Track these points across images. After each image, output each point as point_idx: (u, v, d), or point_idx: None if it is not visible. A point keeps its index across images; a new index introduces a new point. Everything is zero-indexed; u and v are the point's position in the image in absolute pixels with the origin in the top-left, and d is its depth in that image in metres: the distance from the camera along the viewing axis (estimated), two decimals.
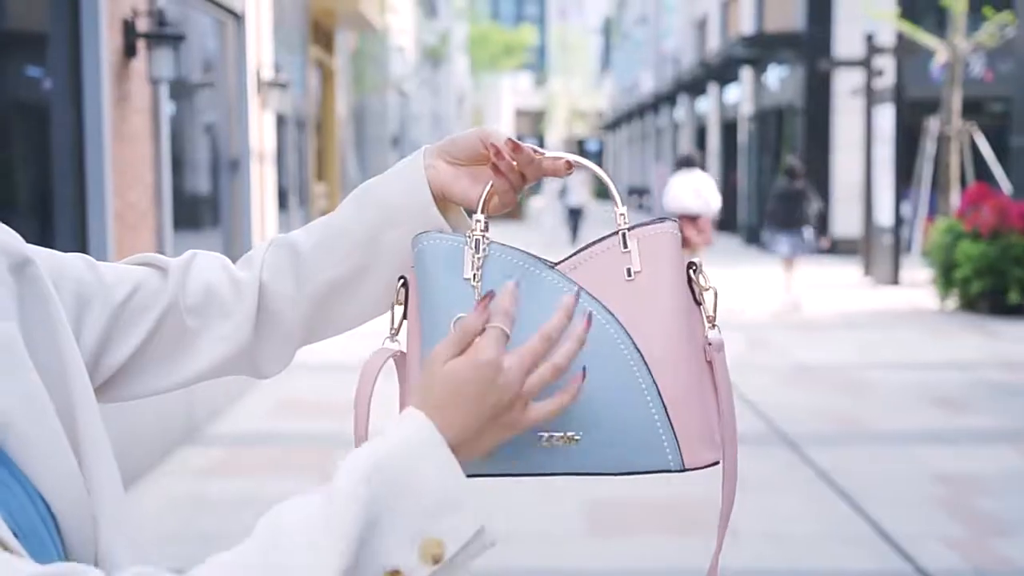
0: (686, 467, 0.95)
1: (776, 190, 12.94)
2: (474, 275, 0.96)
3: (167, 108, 6.97)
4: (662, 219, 1.00)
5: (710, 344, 0.98)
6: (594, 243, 0.99)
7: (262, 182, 9.41)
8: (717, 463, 0.98)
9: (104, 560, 0.90)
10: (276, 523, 0.79)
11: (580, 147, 63.99)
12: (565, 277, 0.97)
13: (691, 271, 0.99)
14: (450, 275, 0.97)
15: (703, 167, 14.23)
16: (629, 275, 0.97)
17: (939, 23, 15.75)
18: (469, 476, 0.86)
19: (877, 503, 5.22)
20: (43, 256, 0.98)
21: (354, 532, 0.78)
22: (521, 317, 0.89)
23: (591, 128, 63.91)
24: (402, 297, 1.00)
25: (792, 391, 7.87)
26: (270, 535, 0.79)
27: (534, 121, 72.04)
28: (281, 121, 11.82)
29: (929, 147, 16.06)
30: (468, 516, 0.82)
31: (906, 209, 16.03)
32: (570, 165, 1.03)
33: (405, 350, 1.02)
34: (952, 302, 12.21)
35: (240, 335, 1.06)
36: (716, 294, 0.99)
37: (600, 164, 6.38)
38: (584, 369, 0.89)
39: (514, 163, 1.02)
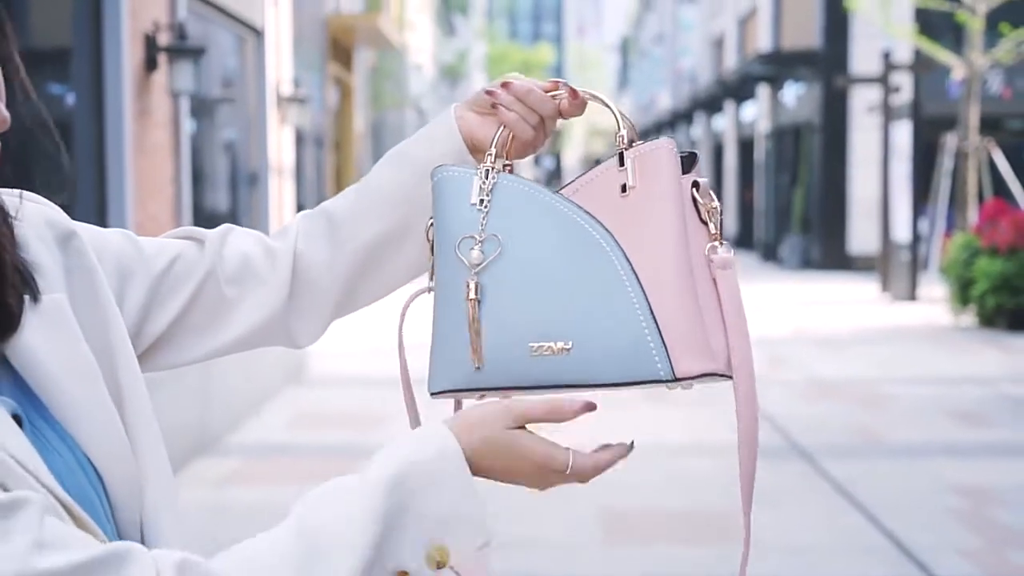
0: (677, 377, 0.95)
1: None
2: (480, 200, 0.99)
3: (187, 121, 7.04)
4: (660, 138, 1.02)
5: (712, 261, 0.98)
6: (595, 166, 1.03)
7: (280, 196, 9.47)
8: (712, 374, 0.96)
9: (150, 528, 0.92)
10: (314, 513, 0.85)
11: (597, 165, 63.86)
12: (565, 200, 1.00)
13: (695, 189, 1.00)
14: (459, 202, 1.00)
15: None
16: (624, 191, 0.99)
17: (956, 40, 15.73)
18: (465, 390, 0.96)
19: (894, 515, 5.20)
20: (86, 230, 1.01)
21: (379, 529, 0.84)
22: (524, 237, 0.97)
23: (608, 146, 63.99)
24: (431, 234, 1.03)
25: (809, 405, 7.86)
26: (308, 527, 0.84)
27: (552, 139, 72.07)
28: (300, 137, 11.90)
29: (946, 163, 16.03)
30: (478, 529, 0.87)
31: (923, 226, 15.99)
32: (575, 94, 1.06)
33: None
34: (969, 318, 12.17)
35: (274, 302, 1.08)
36: (721, 211, 1.00)
37: None
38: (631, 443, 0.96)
39: (510, 97, 1.05)
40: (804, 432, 6.85)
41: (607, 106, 1.05)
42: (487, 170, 1.01)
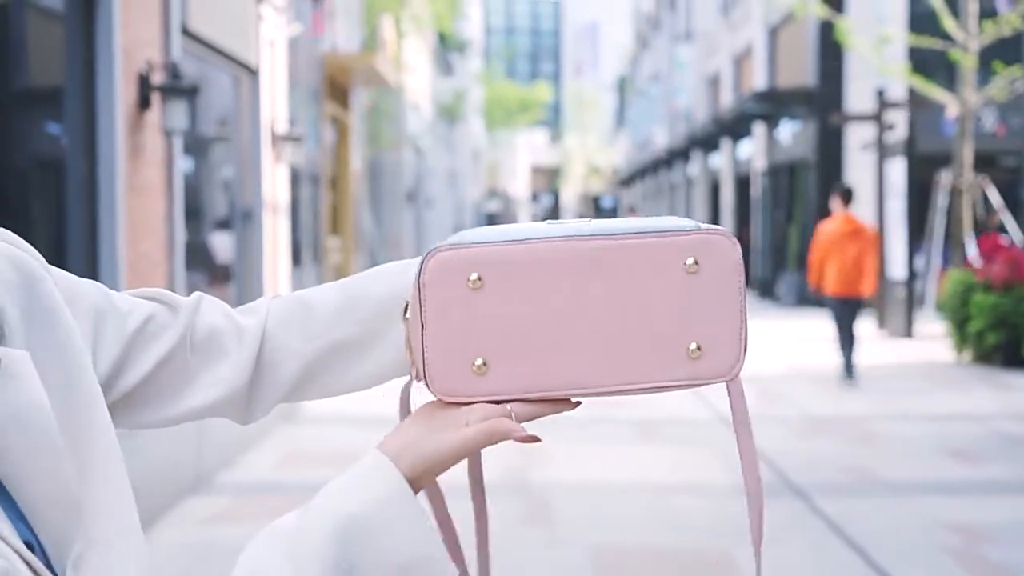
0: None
1: None
2: None
3: (181, 160, 7.07)
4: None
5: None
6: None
7: (275, 234, 9.48)
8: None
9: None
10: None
11: (595, 203, 64.20)
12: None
13: None
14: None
15: None
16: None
17: (949, 78, 15.84)
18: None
19: (887, 553, 5.17)
20: (59, 277, 0.99)
21: None
22: None
23: (606, 184, 64.19)
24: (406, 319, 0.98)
25: (803, 442, 7.83)
26: None
27: (549, 177, 72.29)
28: (296, 176, 11.94)
29: (941, 200, 16.08)
30: (439, 567, 0.84)
31: (919, 262, 16.02)
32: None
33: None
34: (967, 355, 12.16)
35: (237, 380, 1.06)
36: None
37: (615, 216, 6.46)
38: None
39: None
40: (798, 469, 6.82)
41: None
42: None
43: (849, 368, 10.53)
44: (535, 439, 0.88)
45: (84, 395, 0.92)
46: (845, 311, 10.58)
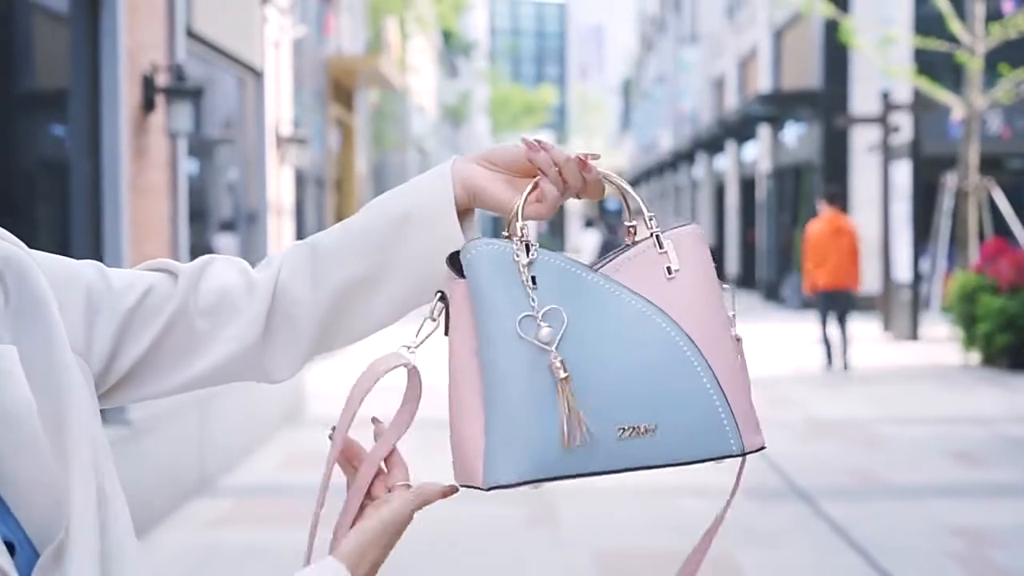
0: (745, 450, 0.98)
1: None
2: (532, 278, 0.96)
3: (185, 162, 7.07)
4: (687, 223, 1.04)
5: (739, 340, 1.01)
6: (628, 247, 1.02)
7: (279, 236, 9.49)
8: (764, 447, 1.00)
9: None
10: None
11: (601, 206, 64.20)
12: (610, 279, 0.99)
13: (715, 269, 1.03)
14: (501, 278, 0.96)
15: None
16: (670, 273, 1.00)
17: (955, 80, 15.81)
18: (550, 479, 0.93)
19: (891, 556, 5.16)
20: (51, 263, 0.99)
21: None
22: (576, 320, 0.95)
23: (612, 193, 64.06)
24: (439, 312, 0.98)
25: (808, 445, 7.82)
26: None
27: None
28: (301, 178, 11.95)
29: (947, 203, 16.06)
30: None
31: (925, 265, 15.99)
32: (587, 167, 1.02)
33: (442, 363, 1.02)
34: (974, 357, 12.13)
35: (248, 334, 1.05)
36: (733, 291, 1.03)
37: (620, 223, 6.54)
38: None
39: (550, 160, 1.01)
40: (802, 472, 6.81)
41: (629, 193, 1.05)
42: (527, 244, 0.97)
43: (830, 357, 11.52)
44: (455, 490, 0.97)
45: (65, 388, 0.92)
46: (833, 304, 11.55)
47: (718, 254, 30.85)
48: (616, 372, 0.95)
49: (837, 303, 11.62)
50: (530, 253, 0.96)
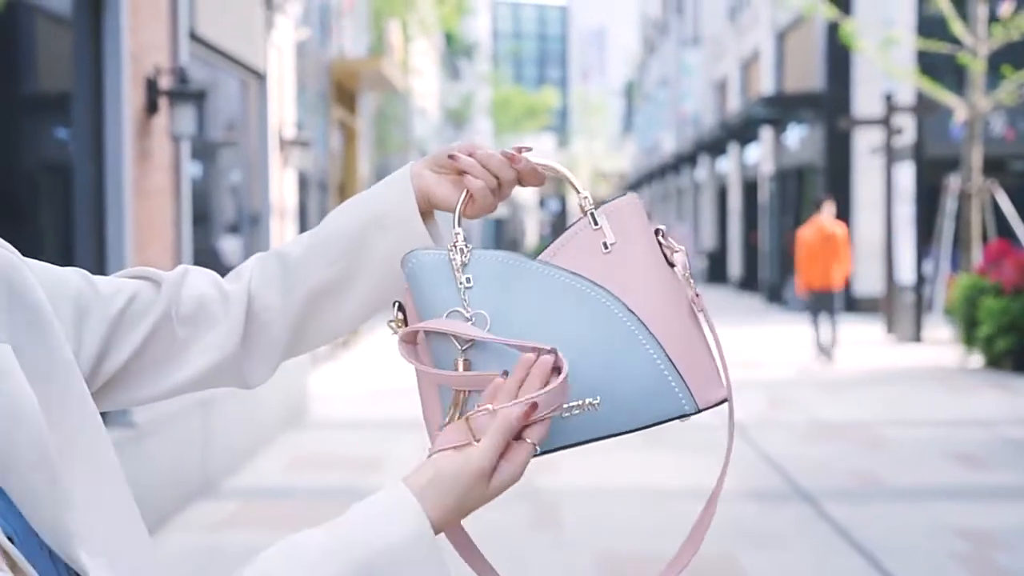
0: (700, 408, 1.00)
1: None
2: (467, 279, 0.99)
3: (189, 165, 7.08)
4: (622, 195, 1.05)
5: (698, 295, 1.03)
6: (566, 229, 1.04)
7: (283, 239, 9.50)
8: (726, 400, 1.02)
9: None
10: None
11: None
12: (547, 264, 1.01)
13: (659, 236, 1.04)
14: (438, 285, 1.00)
15: None
16: (606, 248, 1.02)
17: (958, 82, 15.80)
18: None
19: (894, 558, 5.16)
20: (39, 269, 1.00)
21: None
22: (513, 307, 0.98)
23: (614, 189, 64.22)
24: (400, 319, 1.01)
25: (811, 447, 7.81)
26: None
27: (557, 183, 72.29)
28: (304, 181, 11.95)
29: (950, 205, 16.04)
30: None
31: (927, 267, 15.98)
32: (520, 160, 1.05)
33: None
34: (976, 359, 12.12)
35: (227, 344, 1.09)
36: (686, 253, 1.04)
37: None
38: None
39: (473, 162, 1.05)
40: (805, 474, 6.80)
41: (565, 178, 1.07)
42: (461, 248, 1.01)
43: (820, 345, 12.62)
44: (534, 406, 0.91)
45: (66, 386, 0.93)
46: (820, 302, 12.75)
47: (720, 256, 30.87)
48: None
49: (823, 303, 12.73)
50: (463, 255, 1.00)
